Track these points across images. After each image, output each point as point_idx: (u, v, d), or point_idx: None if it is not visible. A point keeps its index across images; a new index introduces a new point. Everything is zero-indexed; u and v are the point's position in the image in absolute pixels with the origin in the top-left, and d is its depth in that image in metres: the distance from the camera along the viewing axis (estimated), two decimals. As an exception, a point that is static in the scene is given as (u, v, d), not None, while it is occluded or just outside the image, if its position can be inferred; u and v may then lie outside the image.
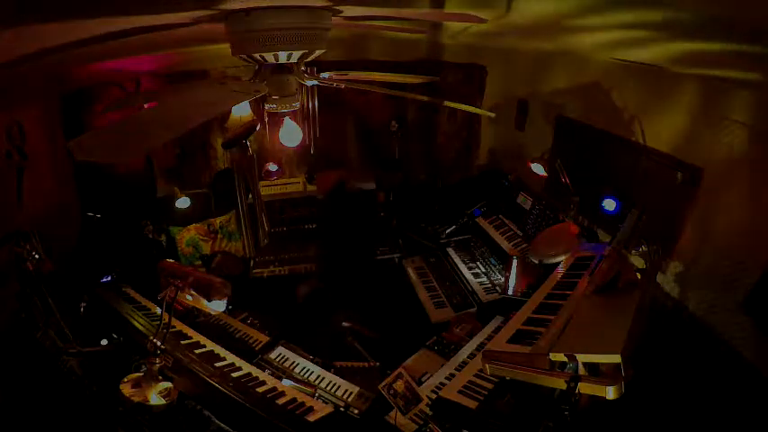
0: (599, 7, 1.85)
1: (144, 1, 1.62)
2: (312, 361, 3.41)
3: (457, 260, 4.53)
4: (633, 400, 1.70)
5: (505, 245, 4.33)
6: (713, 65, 2.43)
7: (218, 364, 3.00)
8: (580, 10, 1.97)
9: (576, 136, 4.08)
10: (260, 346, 3.49)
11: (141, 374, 2.37)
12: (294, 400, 2.82)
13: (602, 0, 1.72)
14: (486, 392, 2.73)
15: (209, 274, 2.62)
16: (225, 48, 2.24)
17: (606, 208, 3.44)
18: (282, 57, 2.18)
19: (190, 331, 3.30)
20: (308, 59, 2.31)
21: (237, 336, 3.63)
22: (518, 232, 4.41)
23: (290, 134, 3.25)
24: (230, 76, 4.69)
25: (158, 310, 3.21)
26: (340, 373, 3.32)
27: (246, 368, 3.06)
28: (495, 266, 4.33)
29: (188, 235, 4.70)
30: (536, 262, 3.33)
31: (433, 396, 2.82)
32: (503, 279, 4.02)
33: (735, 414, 2.42)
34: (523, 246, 4.16)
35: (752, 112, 2.53)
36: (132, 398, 2.27)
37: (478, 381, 2.88)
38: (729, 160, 2.67)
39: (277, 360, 3.37)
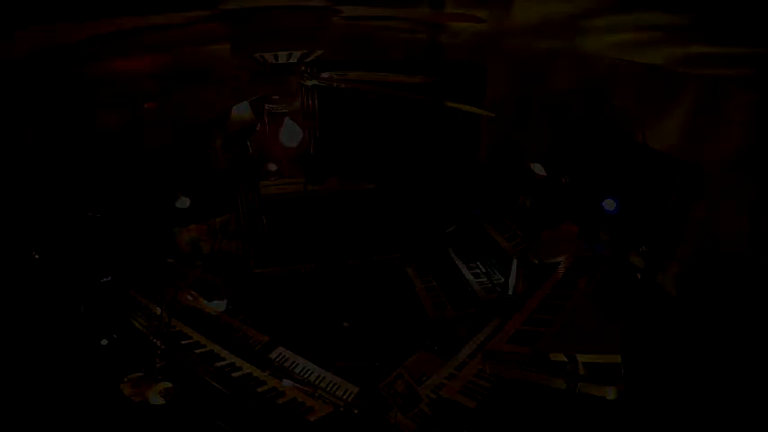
0: (598, 7, 1.85)
1: (146, 1, 1.62)
2: (312, 361, 3.41)
3: (457, 260, 4.52)
4: (634, 400, 1.70)
5: (505, 245, 4.32)
6: (713, 65, 2.42)
7: (218, 364, 3.00)
8: (580, 10, 1.97)
9: (575, 136, 4.07)
10: (260, 346, 3.49)
11: (141, 374, 2.37)
12: (294, 400, 2.82)
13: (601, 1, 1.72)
14: (486, 392, 2.73)
15: (209, 274, 2.62)
16: (225, 48, 2.25)
17: (606, 208, 3.44)
18: (282, 57, 2.19)
19: (190, 331, 3.30)
20: (308, 59, 2.31)
21: (237, 336, 3.62)
22: (518, 232, 4.41)
23: (290, 134, 3.26)
24: (230, 75, 4.68)
25: (158, 310, 3.21)
26: (340, 373, 3.32)
27: (246, 368, 3.06)
28: (495, 266, 4.33)
29: (188, 235, 4.70)
30: (536, 262, 3.32)
31: (433, 396, 2.82)
32: (503, 279, 4.02)
33: (736, 413, 2.42)
34: (523, 246, 4.15)
35: (752, 112, 2.52)
36: (132, 398, 2.27)
37: (478, 381, 2.87)
38: (729, 160, 2.66)
39: (277, 360, 3.37)
